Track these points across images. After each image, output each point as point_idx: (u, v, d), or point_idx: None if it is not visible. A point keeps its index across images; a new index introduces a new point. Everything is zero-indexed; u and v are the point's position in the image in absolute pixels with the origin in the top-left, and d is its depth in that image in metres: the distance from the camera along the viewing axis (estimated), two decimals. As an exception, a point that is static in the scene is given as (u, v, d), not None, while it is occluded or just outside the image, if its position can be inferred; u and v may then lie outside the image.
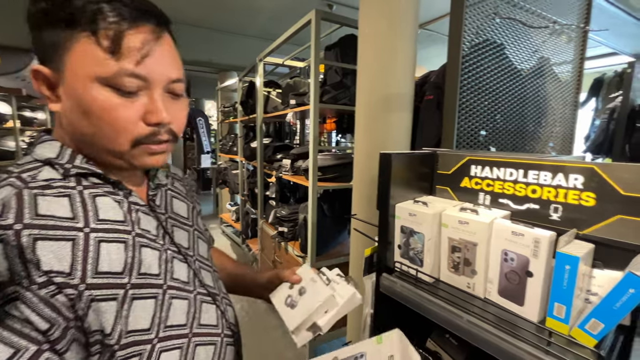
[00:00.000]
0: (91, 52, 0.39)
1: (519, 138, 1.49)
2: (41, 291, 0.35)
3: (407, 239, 0.68)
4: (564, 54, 1.61)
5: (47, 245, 0.37)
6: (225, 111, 4.59)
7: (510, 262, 0.54)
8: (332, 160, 1.96)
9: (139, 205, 0.49)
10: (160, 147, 0.46)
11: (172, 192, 0.60)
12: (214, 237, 0.75)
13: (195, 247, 0.57)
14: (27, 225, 0.36)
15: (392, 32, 1.30)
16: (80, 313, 0.38)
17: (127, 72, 0.40)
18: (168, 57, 0.45)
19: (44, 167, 0.43)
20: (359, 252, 1.45)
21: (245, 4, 3.42)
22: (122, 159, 0.45)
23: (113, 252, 0.42)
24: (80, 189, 0.43)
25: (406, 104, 1.36)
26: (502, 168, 0.63)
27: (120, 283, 0.41)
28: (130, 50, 0.40)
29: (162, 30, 0.44)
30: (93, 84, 0.40)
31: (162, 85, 0.44)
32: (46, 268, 0.36)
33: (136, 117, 0.43)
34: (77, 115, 0.42)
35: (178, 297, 0.48)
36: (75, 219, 0.40)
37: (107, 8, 0.40)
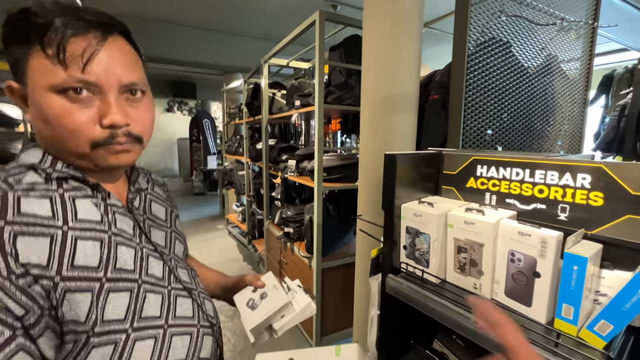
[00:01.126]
0: (42, 64, 0.43)
1: (527, 137, 1.48)
2: (19, 281, 0.39)
3: (413, 240, 0.68)
4: (572, 50, 1.59)
5: (26, 240, 0.40)
6: (231, 113, 4.62)
7: (517, 262, 0.54)
8: (337, 161, 1.96)
9: (117, 206, 0.53)
10: (122, 146, 0.48)
11: (151, 195, 0.64)
12: (220, 237, 0.77)
13: (171, 247, 0.61)
14: (9, 222, 0.40)
15: (397, 32, 1.30)
16: (55, 303, 0.41)
17: (75, 79, 0.43)
18: (118, 62, 0.47)
19: (28, 172, 0.46)
20: (365, 252, 1.45)
21: (249, 6, 3.44)
22: (86, 160, 0.48)
23: (89, 249, 0.46)
24: (61, 192, 0.47)
25: (411, 104, 1.36)
26: (508, 168, 0.63)
27: (95, 277, 0.45)
28: (74, 57, 0.43)
29: (108, 34, 0.46)
30: (48, 93, 0.43)
31: (115, 89, 0.46)
32: (24, 261, 0.40)
33: (90, 121, 0.45)
34: (40, 122, 0.45)
35: (152, 291, 0.51)
36: (54, 218, 0.44)
37: (55, 22, 0.43)
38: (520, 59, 1.37)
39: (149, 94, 0.53)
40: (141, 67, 0.51)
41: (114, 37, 0.47)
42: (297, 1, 3.29)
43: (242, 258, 3.91)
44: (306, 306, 0.68)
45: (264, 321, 0.65)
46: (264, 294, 0.70)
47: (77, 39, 0.43)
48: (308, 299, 0.69)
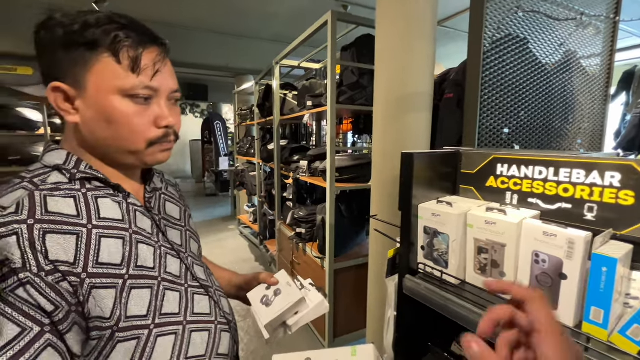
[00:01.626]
0: (113, 70, 0.47)
1: (545, 135, 1.44)
2: (48, 277, 0.40)
3: (431, 240, 0.67)
4: (592, 46, 1.54)
5: (54, 238, 0.42)
6: (242, 114, 4.67)
7: (541, 264, 0.52)
8: (350, 161, 1.96)
9: (137, 206, 0.55)
10: (169, 145, 0.55)
11: (166, 195, 0.66)
12: (232, 238, 0.79)
13: (187, 245, 0.63)
14: (38, 220, 0.42)
15: (410, 31, 1.29)
16: (82, 299, 0.43)
17: (143, 85, 0.48)
18: (170, 73, 0.54)
19: (52, 172, 0.48)
20: (379, 253, 1.43)
21: (260, 9, 3.47)
22: (137, 157, 0.52)
23: (112, 246, 0.47)
24: (84, 191, 0.49)
25: (425, 104, 1.34)
26: (530, 166, 0.61)
27: (119, 274, 0.47)
28: (146, 67, 0.49)
29: (167, 52, 0.53)
30: (114, 96, 0.47)
31: (166, 95, 0.53)
32: (53, 257, 0.41)
33: (149, 123, 0.51)
34: (99, 123, 0.48)
35: (170, 288, 0.53)
36: (79, 217, 0.46)
37: (122, 35, 0.47)
38: (538, 56, 1.34)
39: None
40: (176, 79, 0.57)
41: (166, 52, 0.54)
42: (308, 3, 3.30)
43: (254, 258, 3.94)
44: (319, 303, 0.68)
45: (278, 317, 0.65)
46: (277, 291, 0.70)
47: (148, 52, 0.49)
48: (321, 296, 0.69)
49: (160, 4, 3.35)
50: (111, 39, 0.46)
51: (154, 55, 0.50)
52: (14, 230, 0.40)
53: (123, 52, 0.47)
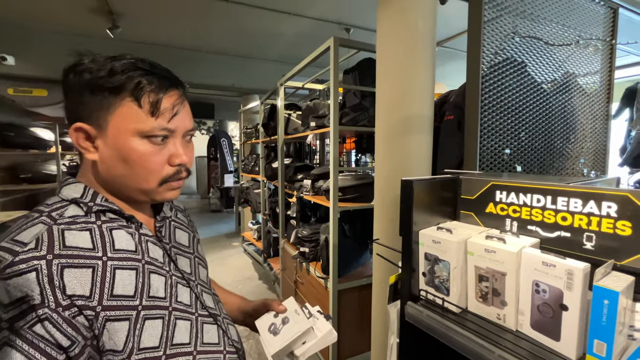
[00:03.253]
0: (133, 113, 0.50)
1: (547, 155, 1.44)
2: (65, 312, 0.41)
3: (432, 267, 0.67)
4: (590, 65, 1.56)
5: (72, 272, 0.43)
6: (247, 132, 4.75)
7: (542, 293, 0.52)
8: (353, 181, 1.97)
9: (148, 236, 0.57)
10: (179, 183, 0.56)
11: (175, 222, 0.67)
12: (236, 255, 0.80)
13: (196, 273, 0.64)
14: (57, 255, 0.43)
15: (410, 54, 1.33)
16: (96, 332, 0.44)
17: (161, 127, 0.51)
18: (187, 113, 0.56)
19: (69, 205, 0.50)
20: (382, 276, 1.42)
21: (266, 30, 3.60)
22: (148, 195, 0.54)
23: (126, 278, 0.48)
24: (99, 223, 0.51)
25: (426, 126, 1.36)
26: (528, 194, 0.62)
27: (132, 305, 0.48)
28: (165, 111, 0.52)
29: (184, 94, 0.56)
30: (133, 137, 0.50)
31: (181, 134, 0.55)
32: (70, 292, 0.42)
33: (164, 161, 0.53)
34: (116, 162, 0.51)
35: (182, 318, 0.54)
36: (95, 249, 0.47)
37: (145, 81, 0.50)
38: (536, 78, 1.36)
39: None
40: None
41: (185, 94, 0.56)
42: (312, 26, 3.42)
43: (258, 276, 3.90)
44: (327, 333, 0.68)
45: (286, 347, 0.65)
46: (285, 319, 0.70)
47: (168, 96, 0.52)
48: (329, 325, 0.69)
49: (170, 28, 3.50)
50: (134, 84, 0.49)
51: (173, 99, 0.53)
52: (33, 266, 0.41)
53: (144, 96, 0.50)
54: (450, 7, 1.61)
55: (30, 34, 3.46)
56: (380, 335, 1.47)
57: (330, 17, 3.26)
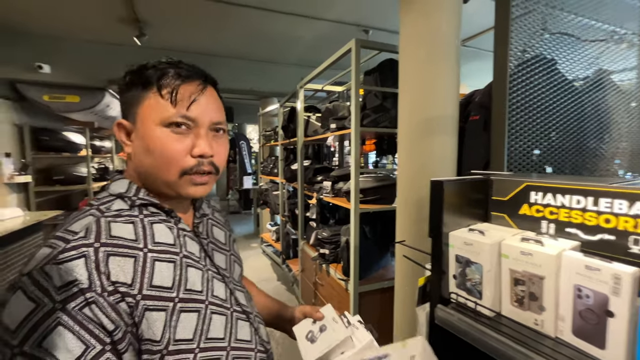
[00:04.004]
0: (156, 103, 0.52)
1: (579, 156, 1.38)
2: (110, 297, 0.43)
3: (463, 269, 0.66)
4: (626, 61, 1.49)
5: (116, 260, 0.46)
6: (266, 135, 4.81)
7: (585, 299, 0.50)
8: (373, 182, 1.96)
9: (186, 231, 0.58)
10: (202, 178, 0.55)
11: (212, 221, 0.69)
12: (254, 256, 0.80)
13: (231, 270, 0.65)
14: (103, 244, 0.46)
15: (434, 53, 1.31)
16: (136, 320, 0.45)
17: (180, 114, 0.52)
18: (212, 105, 0.57)
19: (116, 199, 0.54)
20: (405, 279, 1.40)
21: (285, 35, 3.64)
22: (171, 188, 0.55)
23: (164, 270, 0.50)
24: (141, 217, 0.53)
25: (451, 126, 1.34)
26: (567, 195, 0.59)
27: (169, 297, 0.49)
28: (183, 98, 0.53)
29: (207, 84, 0.57)
30: (156, 127, 0.52)
31: (206, 126, 0.55)
32: (114, 279, 0.44)
33: (185, 151, 0.53)
34: (143, 152, 0.53)
35: (217, 312, 0.54)
36: (137, 241, 0.50)
37: (169, 72, 0.53)
38: (567, 75, 1.31)
39: (227, 135, 0.62)
40: (224, 113, 0.61)
41: (209, 86, 0.58)
42: (331, 28, 3.43)
43: (276, 278, 3.94)
44: (368, 343, 0.65)
45: (323, 355, 0.64)
46: (323, 327, 0.69)
47: (186, 85, 0.54)
48: (370, 336, 0.66)
49: (192, 34, 3.61)
50: (158, 76, 0.52)
51: (192, 87, 0.54)
52: (82, 253, 0.44)
53: (165, 86, 0.52)
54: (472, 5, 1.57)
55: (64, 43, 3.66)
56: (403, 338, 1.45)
57: (349, 19, 3.26)
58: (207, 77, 0.58)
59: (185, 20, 3.24)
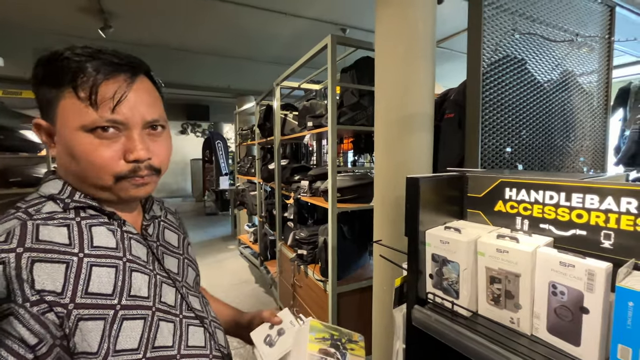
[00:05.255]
0: (74, 105, 0.45)
1: (547, 154, 1.43)
2: (33, 308, 0.39)
3: (440, 268, 0.64)
4: (589, 64, 1.56)
5: (42, 266, 0.41)
6: (243, 134, 4.70)
7: (560, 295, 0.49)
8: (351, 181, 1.94)
9: (132, 233, 0.53)
10: (143, 180, 0.50)
11: (165, 223, 0.65)
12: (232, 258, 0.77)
13: (184, 274, 0.61)
14: (27, 249, 0.41)
15: (410, 52, 1.31)
16: (67, 332, 0.41)
17: (104, 119, 0.45)
18: (143, 101, 0.49)
19: (47, 201, 0.48)
20: (383, 279, 1.39)
21: (262, 31, 3.57)
22: (109, 192, 0.49)
23: (104, 276, 0.46)
24: (78, 220, 0.48)
25: (426, 124, 1.34)
26: (540, 191, 0.59)
27: (109, 304, 0.45)
28: (105, 99, 0.45)
29: (135, 77, 0.49)
30: (78, 132, 0.45)
31: (139, 126, 0.49)
32: (39, 287, 0.40)
33: (116, 156, 0.47)
34: (67, 158, 0.47)
35: (165, 319, 0.51)
36: (71, 245, 0.45)
37: (85, 66, 0.45)
38: (536, 75, 1.35)
39: (168, 128, 0.55)
40: (161, 104, 0.54)
41: (140, 77, 0.50)
42: (308, 26, 3.40)
43: (254, 280, 3.85)
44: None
45: (282, 357, 0.64)
46: (281, 330, 0.68)
47: (108, 82, 0.46)
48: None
49: (164, 28, 3.45)
50: (72, 72, 0.44)
51: (116, 85, 0.46)
52: (1, 259, 0.39)
53: (81, 85, 0.44)
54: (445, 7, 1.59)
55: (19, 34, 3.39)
56: (382, 338, 1.44)
57: (327, 18, 3.24)
58: (135, 66, 0.49)
59: (156, 12, 3.08)
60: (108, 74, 0.46)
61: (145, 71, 0.51)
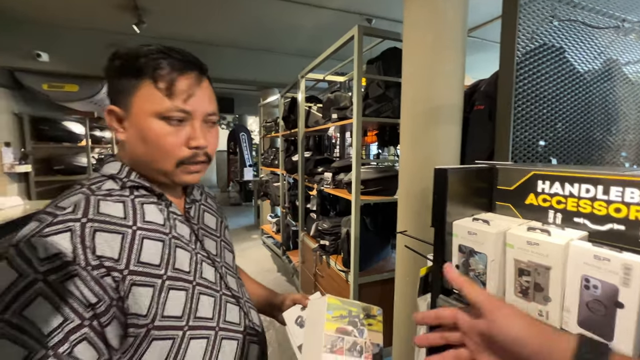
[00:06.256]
0: (151, 95, 0.52)
1: (585, 148, 1.36)
2: (94, 272, 0.44)
3: (467, 259, 0.64)
4: (636, 52, 1.45)
5: (102, 236, 0.47)
6: (267, 126, 4.78)
7: (592, 289, 0.48)
8: (375, 174, 1.94)
9: (177, 214, 0.59)
10: (196, 167, 0.57)
11: (204, 206, 0.70)
12: (255, 247, 0.81)
13: (222, 255, 0.65)
14: (90, 219, 0.47)
15: (440, 41, 1.28)
16: (122, 294, 0.46)
17: (177, 108, 0.53)
18: (206, 96, 0.57)
19: (107, 180, 0.55)
20: (405, 269, 1.39)
21: (286, 23, 3.58)
22: (166, 176, 0.56)
23: (153, 248, 0.51)
24: (132, 197, 0.54)
25: (455, 116, 1.31)
26: (576, 184, 0.57)
27: (157, 274, 0.50)
28: (180, 92, 0.53)
29: (203, 76, 0.57)
30: (151, 118, 0.52)
31: (201, 117, 0.56)
32: (99, 253, 0.45)
33: (180, 143, 0.54)
34: (137, 141, 0.54)
35: (205, 293, 0.56)
36: (126, 219, 0.51)
37: (163, 63, 0.52)
38: (575, 65, 1.28)
39: (217, 124, 0.62)
40: (216, 103, 0.61)
41: (205, 77, 0.57)
42: (333, 17, 3.37)
43: (276, 269, 3.95)
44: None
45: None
46: None
47: (182, 77, 0.53)
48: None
49: (192, 24, 3.56)
50: (152, 67, 0.52)
51: (189, 80, 0.54)
52: (68, 227, 0.44)
53: (161, 78, 0.52)
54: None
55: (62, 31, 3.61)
56: (402, 329, 1.45)
57: (352, 8, 3.20)
58: (202, 65, 0.57)
59: (186, 8, 3.18)
60: (183, 70, 0.53)
61: (206, 72, 0.59)
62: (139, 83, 0.52)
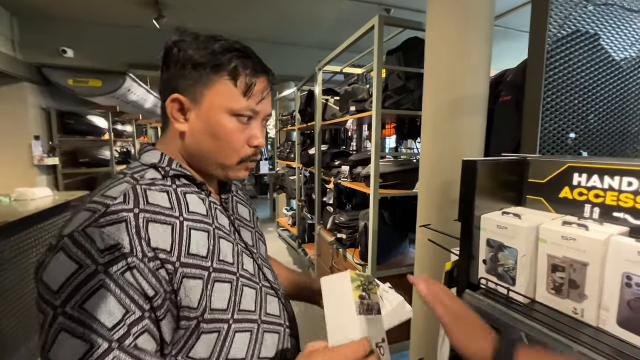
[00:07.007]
0: (228, 91, 0.52)
1: (619, 141, 1.29)
2: (150, 263, 0.43)
3: (495, 254, 0.63)
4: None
5: (155, 226, 0.45)
6: (283, 119, 4.79)
7: (635, 287, 0.46)
8: (394, 167, 1.91)
9: (216, 204, 0.58)
10: (252, 164, 0.59)
11: (237, 198, 0.69)
12: (271, 240, 0.81)
13: (257, 246, 0.65)
14: (142, 210, 0.46)
15: (465, 30, 1.23)
16: (175, 287, 0.45)
17: (250, 107, 0.53)
18: (269, 99, 0.58)
19: (148, 169, 0.53)
20: (426, 263, 1.38)
21: (305, 15, 3.55)
22: (224, 170, 0.56)
23: (200, 239, 0.50)
24: (174, 187, 0.53)
25: (479, 107, 1.27)
26: (616, 177, 0.54)
27: (205, 265, 0.49)
28: (256, 93, 0.54)
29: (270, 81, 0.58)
30: (224, 114, 0.52)
31: (262, 118, 0.58)
32: (154, 245, 0.44)
33: (245, 141, 0.55)
34: (204, 135, 0.53)
35: (248, 285, 0.55)
36: (172, 209, 0.49)
37: (242, 63, 0.52)
38: (611, 52, 1.21)
39: None
40: None
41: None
42: (351, 8, 3.32)
43: (292, 261, 4.00)
44: (399, 304, 0.65)
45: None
46: None
47: (260, 80, 0.54)
48: (400, 297, 0.66)
49: (212, 17, 3.58)
50: (233, 65, 0.52)
51: (264, 84, 0.55)
52: (123, 217, 0.43)
53: (241, 78, 0.52)
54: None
55: (86, 27, 3.71)
56: (421, 325, 1.44)
57: (370, -2, 3.13)
58: (271, 73, 0.59)
59: (204, 1, 3.20)
60: (260, 74, 0.55)
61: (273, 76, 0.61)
62: (217, 78, 0.51)
